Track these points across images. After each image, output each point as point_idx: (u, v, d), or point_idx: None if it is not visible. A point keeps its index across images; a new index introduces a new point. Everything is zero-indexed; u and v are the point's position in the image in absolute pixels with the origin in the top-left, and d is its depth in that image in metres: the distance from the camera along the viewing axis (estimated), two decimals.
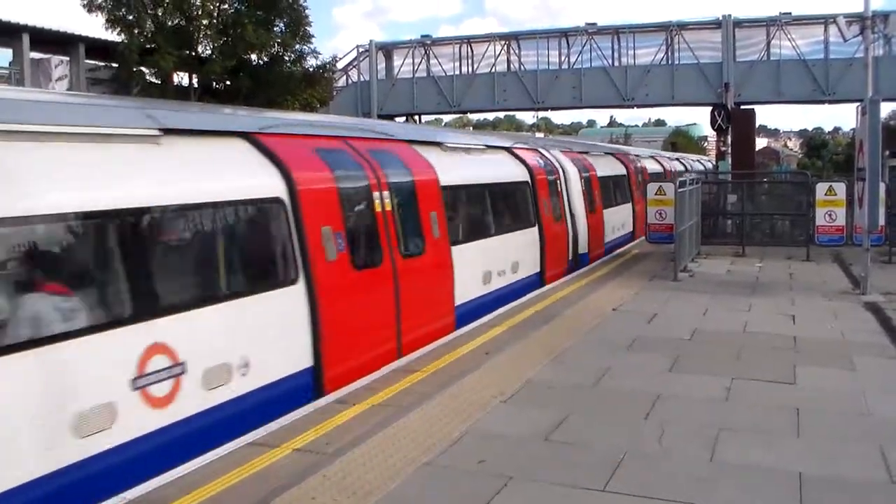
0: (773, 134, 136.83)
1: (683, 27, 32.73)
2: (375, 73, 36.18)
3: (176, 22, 26.90)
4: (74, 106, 6.60)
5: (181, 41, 26.50)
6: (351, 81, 36.79)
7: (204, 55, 27.42)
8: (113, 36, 26.53)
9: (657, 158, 32.92)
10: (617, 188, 21.40)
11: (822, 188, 16.20)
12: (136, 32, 26.23)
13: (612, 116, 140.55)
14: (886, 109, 51.26)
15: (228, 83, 28.12)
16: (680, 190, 14.03)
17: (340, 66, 35.07)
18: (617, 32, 34.05)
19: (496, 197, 12.79)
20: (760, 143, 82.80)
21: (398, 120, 32.72)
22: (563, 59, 34.25)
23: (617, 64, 33.64)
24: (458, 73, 35.57)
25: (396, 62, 36.89)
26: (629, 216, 21.87)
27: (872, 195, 11.95)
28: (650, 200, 17.02)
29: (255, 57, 28.45)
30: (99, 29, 55.21)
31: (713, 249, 17.11)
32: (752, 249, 17.09)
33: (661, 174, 28.02)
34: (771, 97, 31.70)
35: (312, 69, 29.75)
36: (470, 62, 35.51)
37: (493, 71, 34.90)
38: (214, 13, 27.42)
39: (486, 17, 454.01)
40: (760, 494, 4.86)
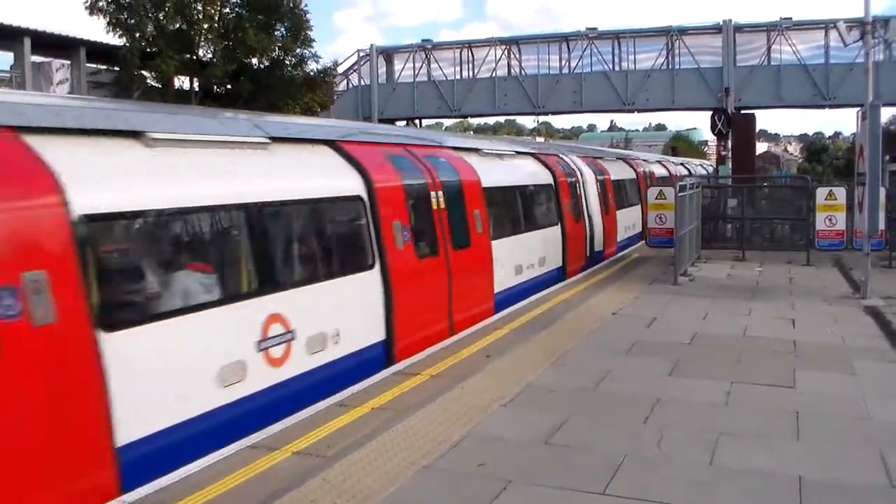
0: (773, 138, 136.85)
1: (684, 32, 32.76)
2: (376, 77, 36.21)
3: (177, 26, 26.92)
4: (204, 119, 7.77)
5: (182, 45, 26.53)
6: (352, 85, 36.81)
7: (205, 59, 27.44)
8: (114, 39, 26.59)
9: (663, 163, 34.40)
10: (628, 191, 22.43)
11: (822, 193, 16.21)
12: (137, 36, 26.24)
13: (612, 121, 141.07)
14: (887, 114, 51.47)
15: (229, 87, 28.13)
16: (680, 194, 14.03)
17: (341, 70, 35.11)
18: (617, 37, 34.07)
19: (526, 197, 14.17)
20: (761, 147, 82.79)
21: (399, 124, 32.72)
22: (563, 63, 34.28)
23: (617, 68, 33.66)
24: (458, 77, 35.61)
25: (397, 66, 36.94)
26: (638, 217, 22.53)
27: (873, 200, 11.96)
28: (651, 204, 17.07)
29: (256, 61, 28.44)
30: (100, 32, 55.31)
31: (713, 254, 17.12)
32: (752, 254, 17.11)
33: (667, 178, 28.61)
34: (771, 102, 31.72)
35: (313, 73, 29.74)
36: (471, 66, 35.55)
37: (493, 75, 34.93)
38: (215, 17, 27.43)
39: (486, 21, 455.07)
40: (760, 498, 4.86)
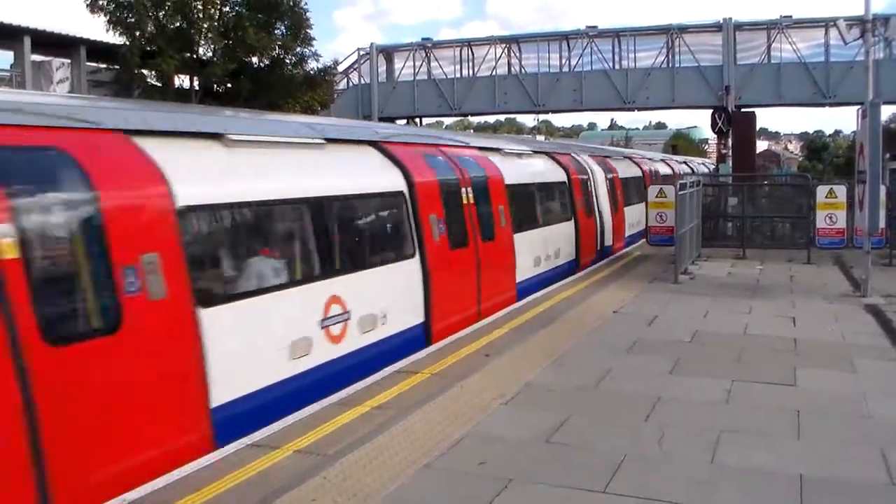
0: (773, 137, 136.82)
1: (684, 30, 32.79)
2: (376, 75, 36.24)
3: (177, 24, 26.91)
4: (270, 122, 8.75)
5: (182, 44, 26.52)
6: (352, 84, 36.84)
7: (205, 58, 27.43)
8: (114, 38, 26.58)
9: (667, 162, 35.30)
10: (635, 189, 22.84)
11: (822, 191, 16.21)
12: (137, 35, 26.23)
13: (612, 119, 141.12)
14: (887, 112, 51.40)
15: (229, 86, 28.13)
16: (680, 192, 14.03)
17: (341, 68, 35.11)
18: (618, 35, 34.10)
19: (543, 194, 15.16)
20: (761, 145, 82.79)
21: (399, 122, 32.72)
22: (563, 61, 34.33)
23: (618, 67, 33.71)
24: (458, 75, 35.63)
25: (397, 65, 36.98)
26: (644, 214, 22.89)
27: (873, 198, 11.95)
28: (651, 203, 17.04)
29: (255, 60, 28.44)
30: (100, 31, 55.38)
31: (714, 252, 17.11)
32: (752, 252, 17.09)
33: (671, 176, 28.79)
34: (771, 100, 31.75)
35: (313, 72, 29.75)
36: (471, 65, 35.58)
37: (493, 74, 34.96)
38: (215, 16, 27.42)
39: (486, 20, 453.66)
40: (761, 497, 4.86)
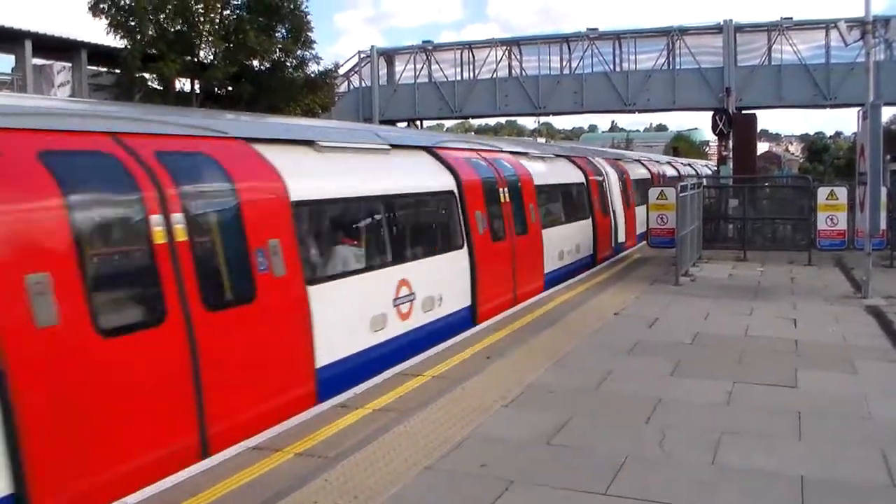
0: (774, 138, 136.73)
1: (685, 32, 32.74)
2: (377, 78, 36.22)
3: (178, 28, 26.94)
4: (348, 131, 10.33)
5: (183, 47, 26.55)
6: (353, 87, 36.82)
7: (206, 61, 27.45)
8: (115, 42, 26.61)
9: (672, 164, 37.40)
10: (644, 189, 23.86)
11: (823, 192, 16.20)
12: (138, 38, 26.26)
13: (613, 121, 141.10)
14: (888, 114, 51.42)
15: (230, 89, 28.15)
16: (681, 194, 14.03)
17: (342, 71, 35.09)
18: (618, 38, 34.05)
19: (564, 194, 16.53)
20: (762, 147, 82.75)
21: (400, 125, 32.74)
22: (564, 64, 34.27)
23: (618, 69, 33.64)
24: (459, 78, 35.61)
25: (398, 68, 36.96)
26: None
27: (874, 199, 11.96)
28: (652, 205, 17.01)
29: (257, 63, 28.47)
30: (101, 35, 55.39)
31: (715, 254, 17.12)
32: (753, 254, 17.10)
33: (676, 178, 28.98)
34: (772, 102, 31.69)
35: (314, 75, 29.75)
36: (471, 67, 35.53)
37: (494, 76, 34.92)
38: (216, 19, 27.45)
39: (487, 22, 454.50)
40: (762, 498, 4.87)
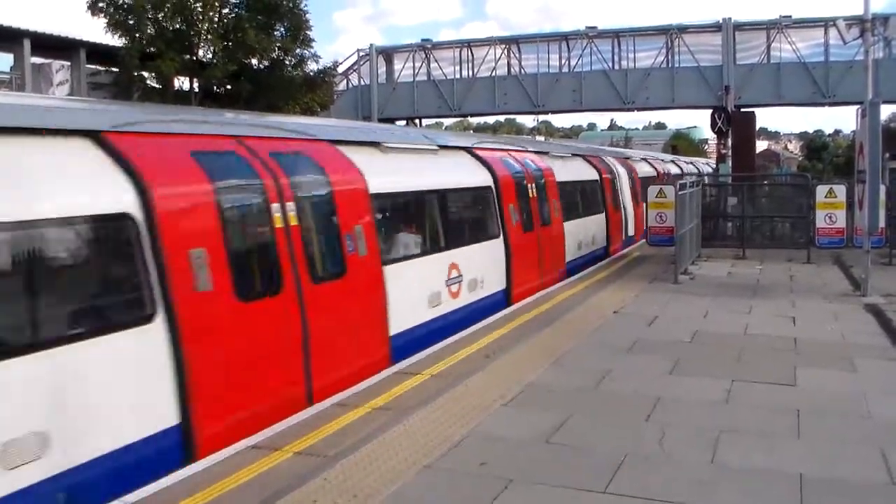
0: (773, 136, 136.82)
1: (683, 30, 32.76)
2: (376, 76, 36.23)
3: (176, 26, 26.90)
4: (404, 133, 12.60)
5: (182, 45, 26.53)
6: (351, 85, 36.83)
7: (205, 60, 27.42)
8: (114, 40, 26.58)
9: (676, 162, 39.07)
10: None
11: (822, 190, 16.21)
12: (136, 37, 26.22)
13: (612, 119, 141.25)
14: (886, 112, 51.39)
15: (229, 87, 28.12)
16: (680, 193, 14.03)
17: (341, 70, 35.10)
18: (617, 36, 34.07)
19: (581, 190, 17.80)
20: (761, 145, 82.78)
21: (399, 124, 32.72)
22: (563, 62, 34.29)
23: (617, 67, 33.67)
24: (458, 76, 35.62)
25: (397, 66, 36.96)
26: None
27: (872, 197, 11.95)
28: (651, 203, 17.02)
29: (255, 61, 28.44)
30: (100, 33, 55.39)
31: (714, 252, 17.12)
32: (752, 252, 17.10)
33: (679, 176, 28.92)
34: (771, 100, 31.71)
35: (313, 73, 29.73)
36: (470, 66, 35.56)
37: (493, 74, 34.94)
38: (215, 18, 27.41)
39: (486, 21, 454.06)
40: (761, 497, 4.87)
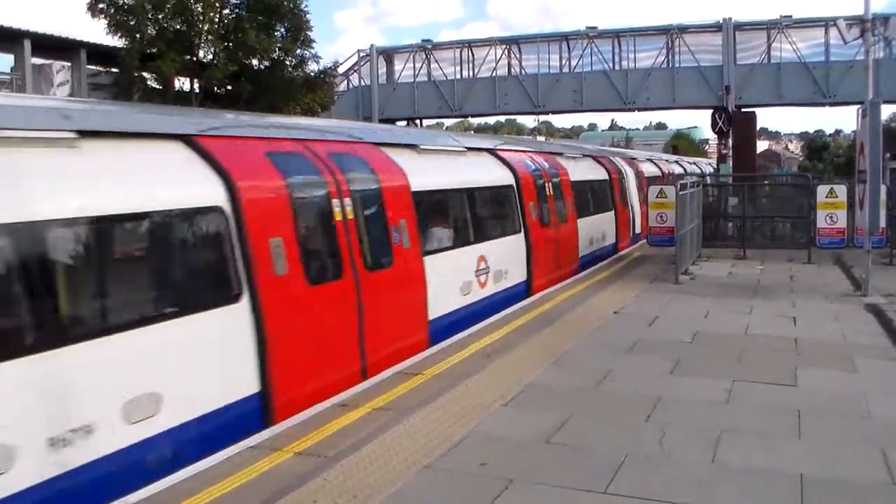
0: (774, 136, 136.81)
1: (684, 30, 32.76)
2: (377, 77, 36.24)
3: (177, 27, 26.90)
4: (435, 135, 14.20)
5: (182, 46, 26.53)
6: (352, 86, 36.85)
7: (205, 60, 27.43)
8: (114, 41, 26.59)
9: (679, 163, 40.05)
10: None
11: (822, 190, 16.19)
12: (137, 37, 26.23)
13: (613, 120, 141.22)
14: (887, 111, 51.42)
15: (230, 88, 28.13)
16: (681, 193, 14.01)
17: (342, 70, 35.12)
18: (618, 36, 34.07)
19: (592, 189, 18.57)
20: (761, 145, 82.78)
21: (399, 124, 32.72)
22: (563, 62, 34.30)
23: (618, 67, 33.67)
24: (459, 77, 35.62)
25: (397, 66, 36.98)
26: None
27: (873, 197, 11.94)
28: (651, 203, 17.01)
29: (256, 62, 28.45)
30: (100, 34, 55.40)
31: (714, 252, 17.10)
32: (753, 252, 17.08)
33: (682, 176, 29.02)
34: (772, 100, 31.70)
35: (314, 74, 29.76)
36: (471, 66, 35.56)
37: (493, 75, 34.94)
38: (215, 18, 27.42)
39: (487, 21, 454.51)
40: (762, 497, 4.86)
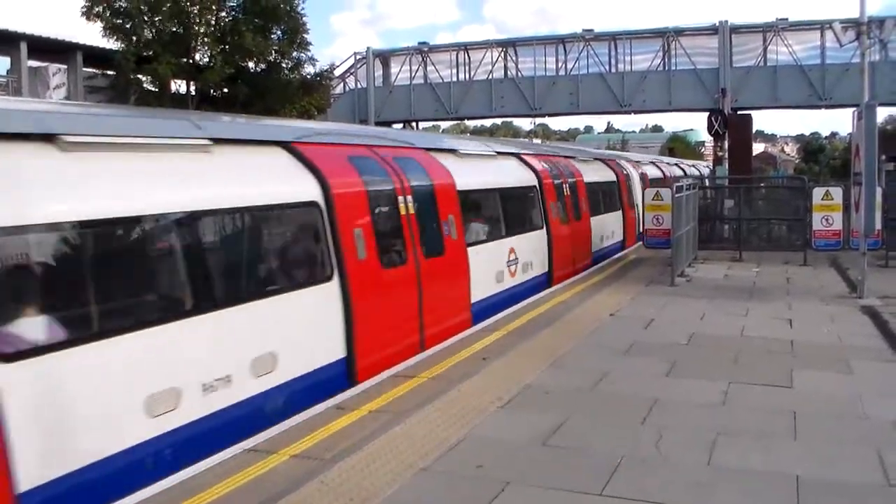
0: (769, 139, 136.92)
1: (680, 33, 32.84)
2: (373, 80, 36.28)
3: (173, 30, 26.89)
4: (467, 141, 14.90)
5: (178, 49, 26.53)
6: (348, 88, 36.87)
7: (201, 63, 27.42)
8: (110, 44, 26.57)
9: (679, 165, 41.06)
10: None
11: (818, 193, 16.20)
12: (133, 40, 26.21)
13: (609, 122, 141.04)
14: (882, 114, 51.53)
15: (226, 91, 28.13)
16: (677, 195, 14.03)
17: (338, 73, 35.14)
18: (614, 39, 34.15)
19: (603, 190, 19.79)
20: (757, 148, 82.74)
21: (396, 127, 32.74)
22: (560, 65, 34.39)
23: (614, 70, 33.75)
24: (455, 79, 35.66)
25: (394, 69, 37.01)
26: None
27: (869, 199, 11.96)
28: (647, 205, 17.01)
29: (252, 64, 28.46)
30: (96, 37, 55.37)
31: (710, 254, 17.13)
32: (749, 254, 17.11)
33: (683, 178, 29.33)
34: (768, 102, 31.80)
35: (310, 77, 29.79)
36: (467, 69, 35.61)
37: (490, 77, 35.00)
38: (212, 21, 27.43)
39: (483, 24, 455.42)
40: (758, 498, 4.87)
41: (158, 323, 5.74)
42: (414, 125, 36.50)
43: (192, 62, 27.08)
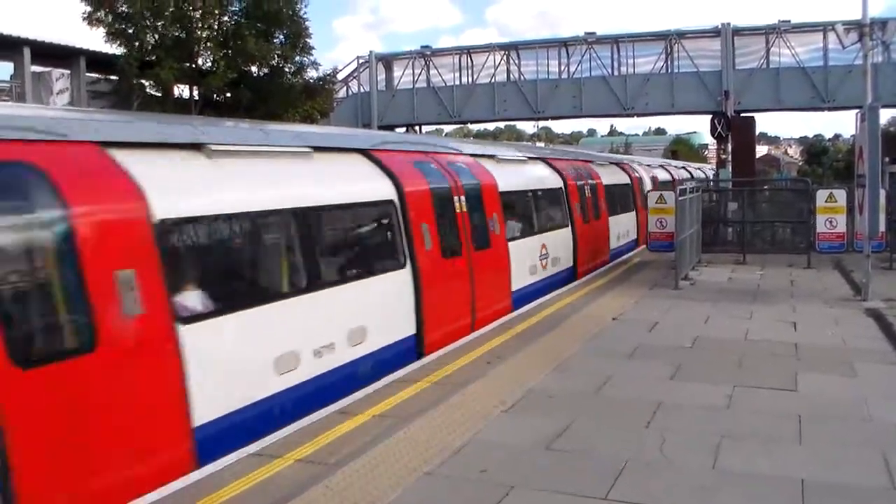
0: (773, 141, 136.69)
1: (683, 36, 32.76)
2: (375, 83, 36.25)
3: (176, 34, 26.92)
4: (505, 147, 16.50)
5: (181, 53, 26.56)
6: (351, 92, 36.85)
7: (204, 67, 27.45)
8: (113, 49, 26.60)
9: (686, 168, 43.03)
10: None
11: (822, 195, 16.19)
12: (136, 45, 26.25)
13: (612, 125, 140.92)
14: (886, 116, 51.27)
15: (229, 95, 28.15)
16: (680, 198, 14.03)
17: (341, 77, 35.14)
18: (616, 41, 34.09)
19: (619, 192, 21.11)
20: (761, 150, 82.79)
21: (398, 131, 32.74)
22: (562, 68, 34.31)
23: (616, 73, 33.67)
24: (458, 83, 35.65)
25: (396, 73, 36.98)
26: None
27: (873, 202, 11.95)
28: (651, 209, 17.00)
29: (255, 69, 28.47)
30: (100, 42, 55.46)
31: (714, 257, 17.12)
32: (752, 257, 17.10)
33: (689, 180, 29.45)
34: (771, 105, 31.70)
35: (313, 81, 29.78)
36: (470, 72, 35.56)
37: (492, 81, 34.96)
38: (215, 25, 27.46)
39: (486, 27, 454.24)
40: (763, 502, 4.86)
41: (283, 297, 7.09)
42: (417, 129, 36.49)
43: (194, 67, 27.07)
